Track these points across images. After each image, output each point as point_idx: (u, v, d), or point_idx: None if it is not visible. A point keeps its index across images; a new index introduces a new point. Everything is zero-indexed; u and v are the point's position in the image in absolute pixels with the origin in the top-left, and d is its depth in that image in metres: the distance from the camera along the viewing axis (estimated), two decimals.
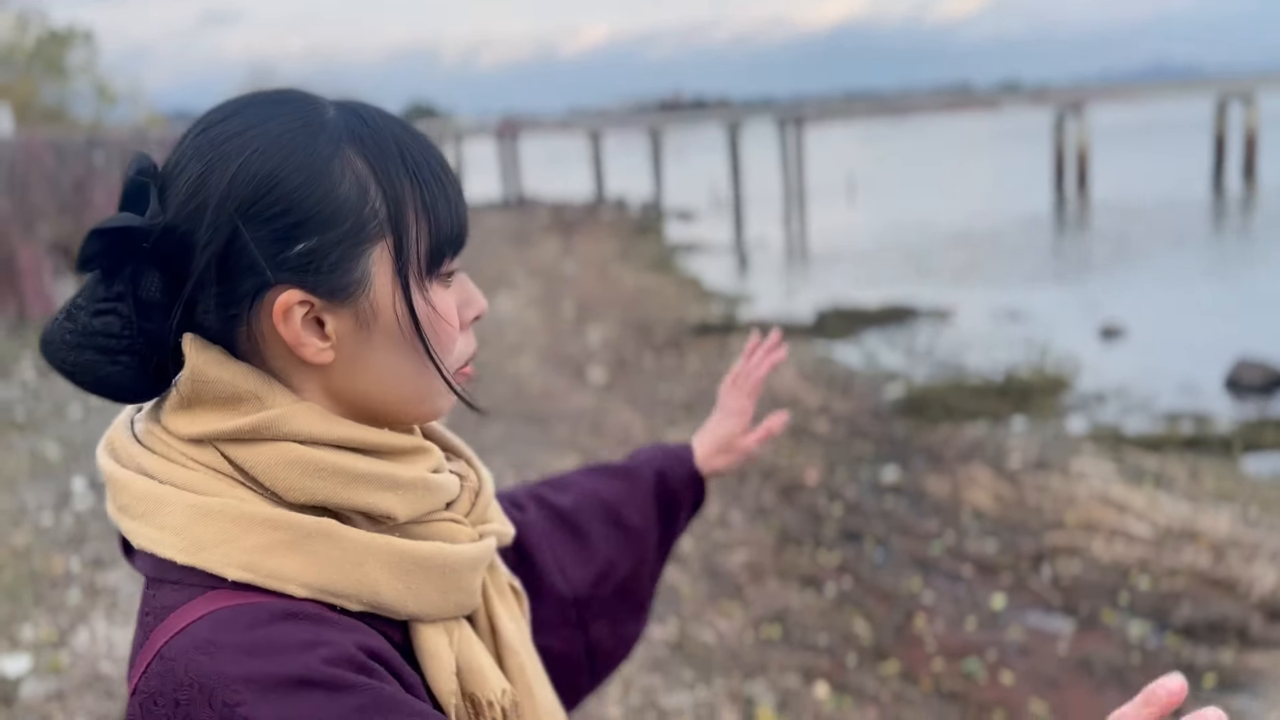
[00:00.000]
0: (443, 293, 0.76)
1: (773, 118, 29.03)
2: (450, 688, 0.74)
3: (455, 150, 31.69)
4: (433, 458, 0.78)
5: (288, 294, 0.69)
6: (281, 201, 0.69)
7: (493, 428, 7.31)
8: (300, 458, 0.70)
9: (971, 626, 4.38)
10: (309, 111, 0.72)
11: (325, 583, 0.68)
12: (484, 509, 0.83)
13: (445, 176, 0.75)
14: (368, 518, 0.73)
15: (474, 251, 18.47)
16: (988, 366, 8.99)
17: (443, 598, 0.75)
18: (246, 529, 0.68)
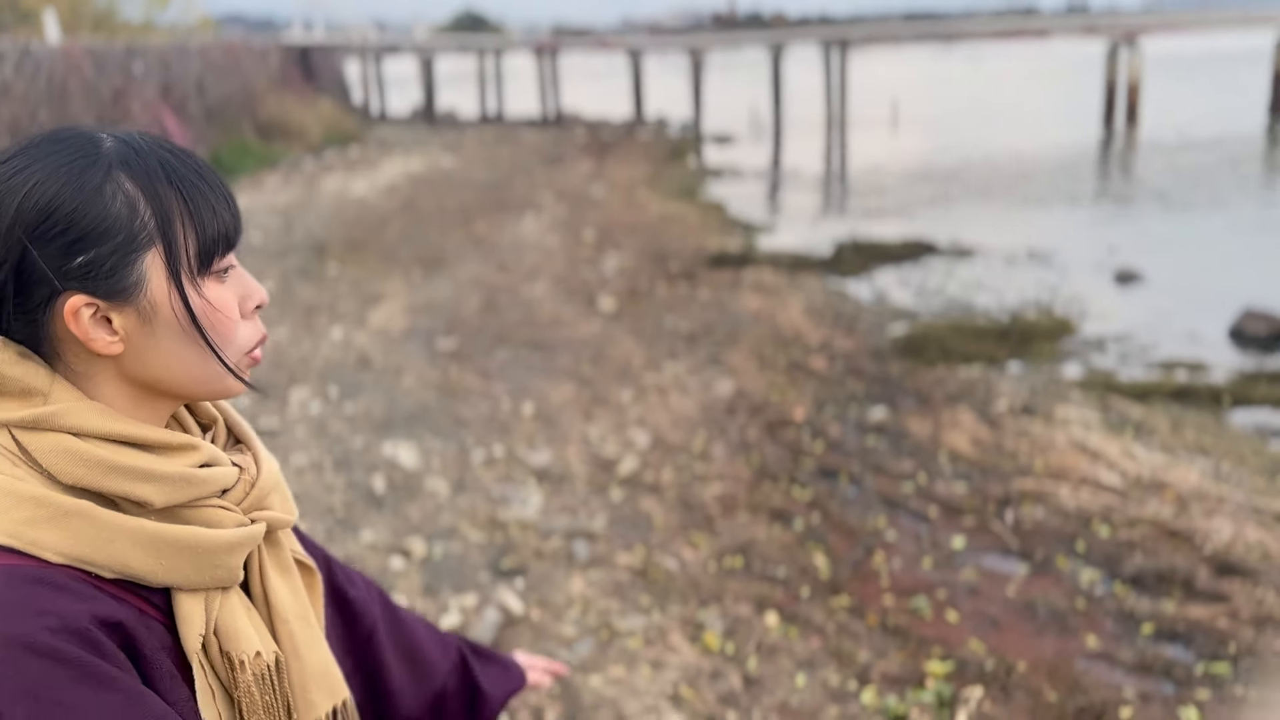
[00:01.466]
0: (218, 287, 0.91)
1: (816, 40, 28.46)
2: (195, 646, 0.88)
3: (495, 64, 31.47)
4: (200, 453, 0.92)
5: (74, 299, 0.85)
6: (61, 223, 0.84)
7: (499, 352, 7.53)
8: (71, 448, 0.86)
9: (927, 566, 4.57)
10: (85, 145, 0.88)
11: (79, 554, 0.84)
12: (259, 498, 0.97)
13: (208, 187, 0.90)
14: (131, 502, 0.88)
15: (506, 170, 18.56)
16: (995, 308, 9.03)
17: (197, 573, 0.89)
18: (16, 503, 0.84)
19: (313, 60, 26.83)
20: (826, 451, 5.78)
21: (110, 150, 0.88)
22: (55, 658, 0.77)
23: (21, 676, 0.76)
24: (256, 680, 0.92)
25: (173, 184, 0.88)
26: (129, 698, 0.79)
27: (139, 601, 0.88)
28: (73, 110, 12.05)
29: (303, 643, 0.99)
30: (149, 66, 14.86)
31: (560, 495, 5.12)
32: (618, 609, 4.04)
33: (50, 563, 0.83)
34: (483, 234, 12.36)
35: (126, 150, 0.89)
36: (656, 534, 4.73)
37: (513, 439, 5.83)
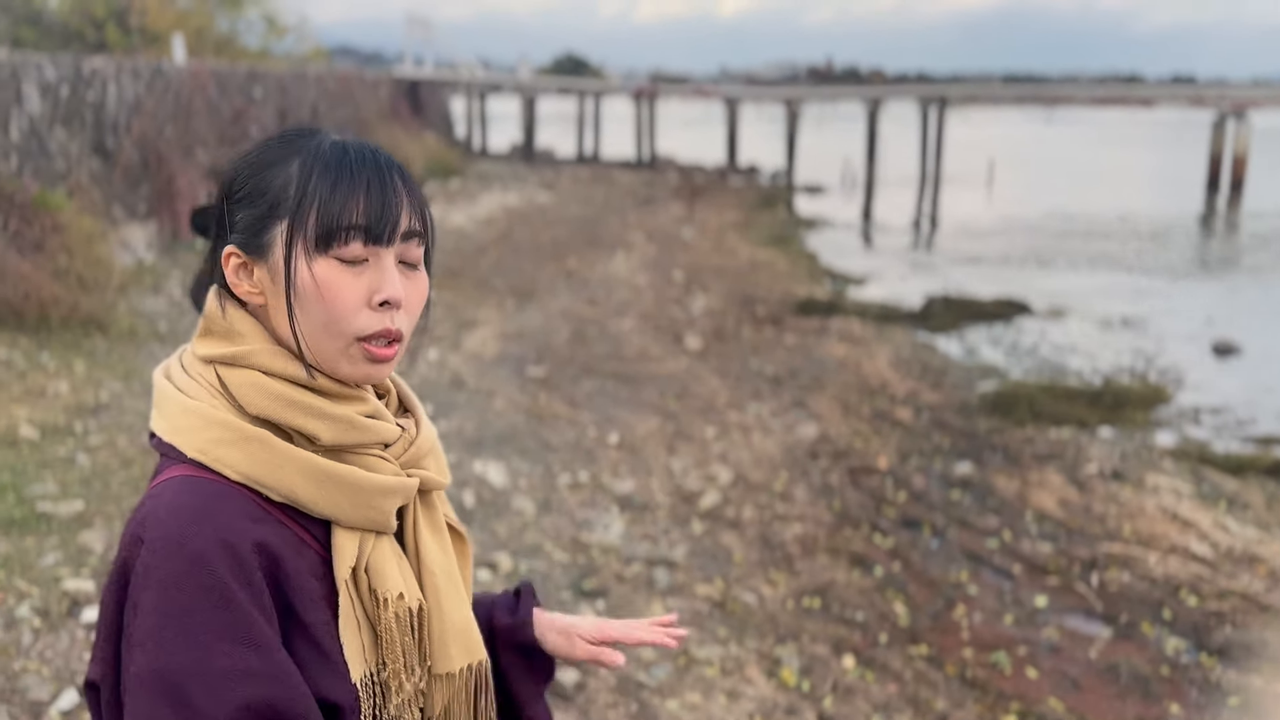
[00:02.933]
0: (335, 269, 0.97)
1: (915, 97, 28.43)
2: (343, 575, 0.98)
3: (595, 107, 32.08)
4: (366, 405, 1.03)
5: (230, 247, 1.01)
6: (239, 184, 1.02)
7: (586, 382, 7.67)
8: (258, 382, 0.99)
9: (1009, 622, 4.53)
10: (301, 136, 1.03)
11: (254, 475, 0.96)
12: (416, 457, 1.07)
13: (362, 185, 0.98)
14: (304, 436, 0.99)
15: (599, 209, 18.88)
16: (1088, 371, 8.90)
17: (354, 509, 0.99)
18: (208, 425, 0.97)
19: (421, 94, 27.69)
20: (909, 502, 5.77)
21: (310, 142, 1.02)
22: (200, 564, 0.90)
23: (167, 570, 0.90)
24: (397, 620, 1.00)
25: (327, 173, 0.98)
26: (237, 619, 0.90)
27: (300, 530, 0.99)
28: (196, 127, 12.66)
29: (446, 597, 1.06)
30: (268, 91, 15.54)
31: (642, 523, 5.20)
32: (696, 637, 4.09)
33: (229, 479, 0.96)
34: (574, 268, 12.59)
35: (321, 144, 1.01)
36: (736, 568, 4.78)
37: (598, 466, 5.94)
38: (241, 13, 26.23)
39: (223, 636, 0.89)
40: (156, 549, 0.90)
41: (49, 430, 5.65)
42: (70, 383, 6.50)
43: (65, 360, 6.94)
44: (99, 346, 7.37)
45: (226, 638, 0.89)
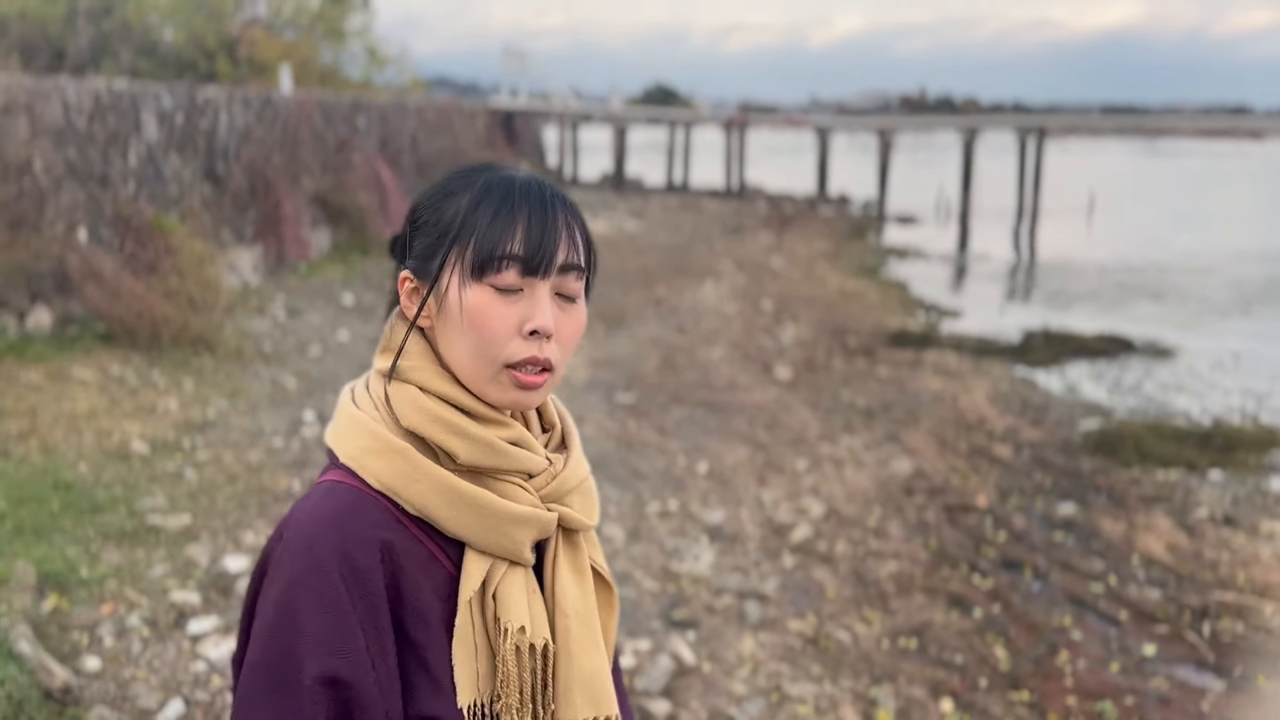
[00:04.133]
0: (489, 297, 1.00)
1: (1012, 128, 27.91)
2: (465, 597, 0.99)
3: (685, 136, 32.25)
4: (511, 431, 1.04)
5: (404, 273, 1.08)
6: (420, 213, 1.08)
7: (675, 410, 7.65)
8: (414, 398, 1.03)
9: (1115, 670, 4.35)
10: (480, 170, 1.07)
11: (391, 485, 1.00)
12: (559, 492, 1.07)
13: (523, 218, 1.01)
14: (443, 453, 1.02)
15: (688, 237, 18.92)
16: (1196, 411, 8.56)
17: (484, 533, 1.00)
18: (361, 434, 1.03)
19: (515, 124, 28.21)
20: (1010, 542, 5.60)
21: (483, 176, 1.06)
22: (320, 570, 0.95)
23: (292, 570, 0.96)
24: (517, 654, 0.99)
25: (490, 204, 1.02)
26: (340, 630, 0.94)
27: (434, 546, 1.01)
28: (301, 155, 13.08)
29: (578, 642, 1.03)
30: (370, 120, 15.98)
31: (732, 555, 5.14)
32: (789, 674, 4.02)
33: (369, 486, 1.01)
34: (663, 296, 12.62)
35: (495, 178, 1.05)
36: (828, 604, 4.69)
37: (687, 495, 5.91)
38: (345, 45, 27.09)
39: (323, 642, 0.93)
40: (289, 549, 0.97)
41: (159, 445, 5.85)
42: (179, 400, 6.73)
43: (175, 378, 7.19)
44: (206, 365, 7.62)
45: (325, 645, 0.93)
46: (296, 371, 7.83)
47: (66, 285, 7.87)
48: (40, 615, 3.77)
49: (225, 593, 4.19)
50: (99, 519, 4.72)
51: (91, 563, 4.27)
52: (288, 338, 8.93)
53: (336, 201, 13.65)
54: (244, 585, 4.24)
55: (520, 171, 1.07)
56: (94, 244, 8.38)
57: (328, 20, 25.67)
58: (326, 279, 11.89)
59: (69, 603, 3.92)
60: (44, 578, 4.03)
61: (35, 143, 7.90)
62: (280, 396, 7.12)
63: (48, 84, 8.31)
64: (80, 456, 5.53)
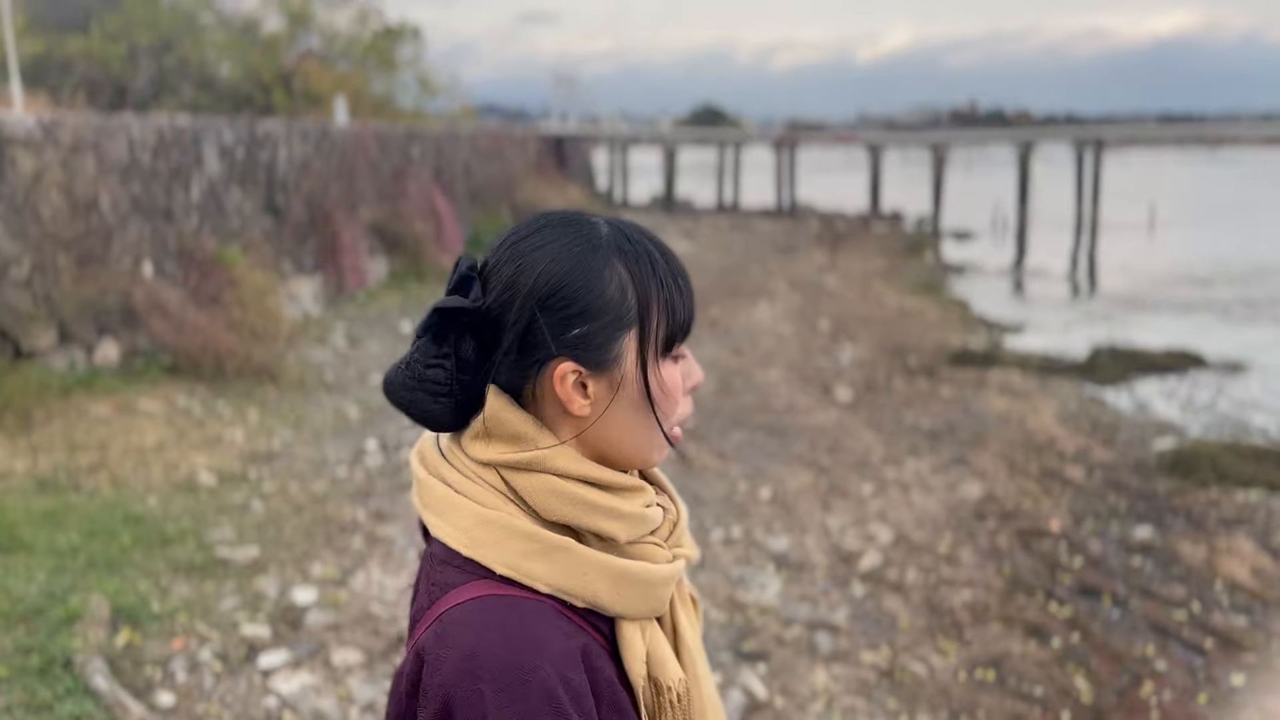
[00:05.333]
0: (671, 368, 1.02)
1: (1069, 140, 27.49)
2: (640, 671, 0.97)
3: (735, 156, 32.22)
4: (648, 495, 1.02)
5: (565, 364, 0.95)
6: (567, 298, 0.95)
7: (734, 435, 7.57)
8: (556, 487, 0.95)
9: (1203, 701, 4.18)
10: (590, 231, 0.99)
11: (562, 585, 0.94)
12: (679, 536, 1.06)
13: (682, 280, 1.02)
14: (597, 537, 0.97)
15: (740, 257, 18.85)
16: (1274, 429, 8.28)
17: (644, 604, 0.98)
18: (512, 537, 0.94)
19: (565, 149, 28.41)
20: (1086, 568, 5.43)
21: (607, 237, 0.99)
22: (544, 692, 0.87)
23: (515, 704, 0.86)
24: (675, 706, 0.99)
25: (656, 275, 0.99)
26: None
27: (594, 632, 0.97)
28: (359, 185, 13.26)
29: (702, 671, 1.06)
30: (425, 150, 16.18)
31: (799, 583, 5.05)
32: (865, 708, 3.92)
33: (540, 593, 0.94)
34: (717, 318, 12.55)
35: (621, 239, 1.00)
36: (902, 635, 4.57)
37: (750, 521, 5.82)
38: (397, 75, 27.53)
39: None
40: (492, 686, 0.86)
41: (225, 477, 5.91)
42: (244, 430, 6.80)
43: (240, 409, 7.28)
44: (270, 395, 7.70)
45: None
46: (358, 400, 7.88)
47: (132, 319, 8.03)
48: (114, 650, 3.80)
49: (294, 625, 4.19)
50: (168, 552, 4.76)
51: (162, 596, 4.30)
52: (349, 366, 9.01)
53: (393, 230, 13.81)
54: (313, 618, 4.24)
55: (621, 221, 1.02)
56: (159, 277, 8.54)
57: (379, 51, 26.12)
58: (384, 307, 12.01)
59: (141, 637, 3.95)
60: (117, 612, 4.07)
61: (102, 179, 8.09)
62: (343, 426, 7.17)
63: (114, 122, 8.51)
64: (149, 489, 5.60)
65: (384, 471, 6.22)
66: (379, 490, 5.88)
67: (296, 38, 24.85)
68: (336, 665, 3.90)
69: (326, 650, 4.00)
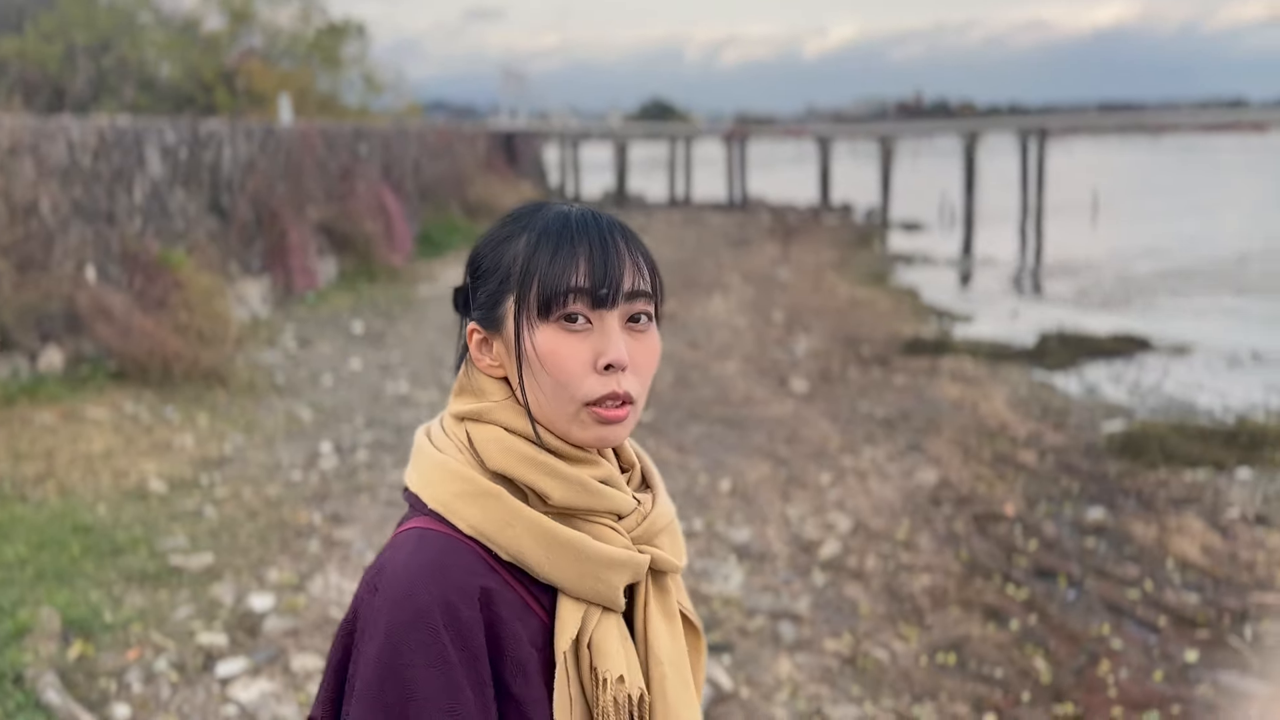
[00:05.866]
0: (558, 336, 0.98)
1: (1013, 130, 27.89)
2: (562, 646, 0.96)
3: (685, 150, 32.27)
4: (600, 469, 1.01)
5: (471, 325, 1.06)
6: (477, 262, 1.06)
7: (693, 428, 7.59)
8: (501, 438, 1.00)
9: (1159, 679, 4.26)
10: (533, 211, 1.05)
11: (485, 530, 0.97)
12: (649, 533, 1.04)
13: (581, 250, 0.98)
14: (537, 496, 0.99)
15: (693, 251, 18.88)
16: (1219, 409, 8.47)
17: (579, 579, 0.97)
18: (451, 478, 1.00)
19: (516, 145, 28.26)
20: (1042, 550, 5.51)
21: (541, 216, 1.04)
22: (424, 622, 0.91)
23: (392, 623, 0.91)
24: (615, 705, 0.96)
25: (548, 242, 1.00)
26: (448, 685, 0.90)
27: (526, 594, 0.97)
28: (306, 184, 13.07)
29: (673, 689, 1.01)
30: (372, 147, 15.99)
31: (761, 574, 5.07)
32: (829, 696, 3.94)
33: (462, 534, 0.97)
34: (672, 311, 12.55)
35: (550, 215, 1.03)
36: (863, 621, 4.61)
37: (711, 514, 5.83)
38: (342, 72, 27.18)
39: (431, 699, 0.90)
40: (387, 601, 0.93)
41: (176, 483, 5.80)
42: (194, 436, 6.68)
43: (189, 414, 7.15)
44: (220, 400, 7.57)
45: (434, 703, 0.90)
46: (310, 403, 7.78)
47: (77, 324, 7.84)
48: (67, 662, 3.71)
49: (252, 632, 4.12)
50: (120, 561, 4.66)
51: (115, 607, 4.21)
52: (300, 369, 8.89)
53: (342, 229, 13.64)
54: (271, 624, 4.17)
55: (574, 206, 1.05)
56: (103, 282, 8.35)
57: (323, 48, 25.78)
58: (335, 308, 11.87)
59: (94, 648, 3.86)
60: (68, 624, 3.97)
61: (41, 183, 7.89)
62: (296, 429, 7.07)
63: (52, 124, 8.30)
64: (98, 497, 5.48)
65: (339, 474, 6.14)
66: (335, 493, 5.81)
67: (238, 36, 24.43)
68: (296, 671, 3.84)
69: (285, 656, 3.94)
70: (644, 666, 1.01)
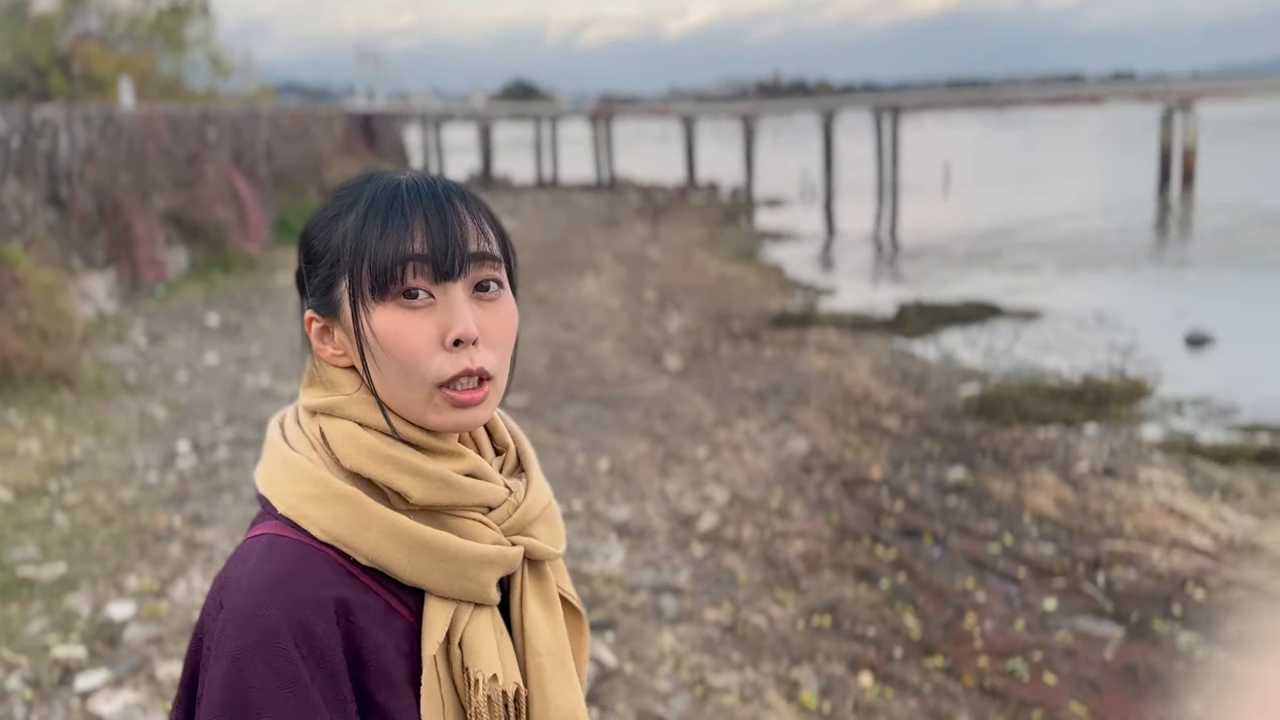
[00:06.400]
0: (397, 314, 0.90)
1: (868, 107, 28.70)
2: (430, 651, 0.90)
3: (551, 131, 32.07)
4: (465, 462, 0.94)
5: (310, 312, 0.97)
6: (307, 245, 0.97)
7: (570, 408, 7.57)
8: (355, 435, 0.92)
9: (1020, 628, 4.48)
10: (361, 185, 0.96)
11: (338, 534, 0.89)
12: (522, 522, 0.97)
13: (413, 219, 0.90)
14: (395, 494, 0.91)
15: (563, 232, 18.82)
16: (1067, 370, 8.94)
17: (445, 580, 0.91)
18: (301, 479, 0.91)
19: (375, 127, 27.55)
20: (907, 511, 5.72)
21: (370, 187, 0.94)
22: (271, 643, 0.84)
23: (238, 644, 0.84)
24: (489, 705, 0.91)
25: (377, 215, 0.91)
26: (302, 707, 0.84)
27: (389, 596, 0.91)
28: (151, 172, 12.44)
29: (551, 680, 0.96)
30: (222, 132, 15.33)
31: (642, 550, 5.10)
32: (711, 665, 4.00)
33: (314, 539, 0.90)
34: (545, 293, 12.49)
35: (379, 186, 0.94)
36: (742, 590, 4.69)
37: (591, 494, 5.84)
38: (186, 54, 25.98)
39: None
40: (232, 619, 0.86)
41: (23, 491, 5.46)
42: (41, 440, 6.30)
43: (33, 418, 6.73)
44: (67, 401, 7.16)
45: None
46: (165, 400, 7.43)
47: None
48: None
49: (112, 643, 3.92)
50: None
51: None
52: (151, 365, 8.48)
53: (191, 218, 13.05)
54: (132, 633, 3.98)
55: (407, 173, 0.96)
56: None
57: (165, 30, 24.58)
58: (187, 300, 11.36)
59: None
60: None
61: None
62: (150, 428, 6.74)
63: None
64: None
65: (199, 474, 5.89)
66: (195, 494, 5.57)
67: (73, 17, 23.04)
68: (162, 680, 3.67)
69: (150, 665, 3.76)
70: (521, 659, 0.96)
